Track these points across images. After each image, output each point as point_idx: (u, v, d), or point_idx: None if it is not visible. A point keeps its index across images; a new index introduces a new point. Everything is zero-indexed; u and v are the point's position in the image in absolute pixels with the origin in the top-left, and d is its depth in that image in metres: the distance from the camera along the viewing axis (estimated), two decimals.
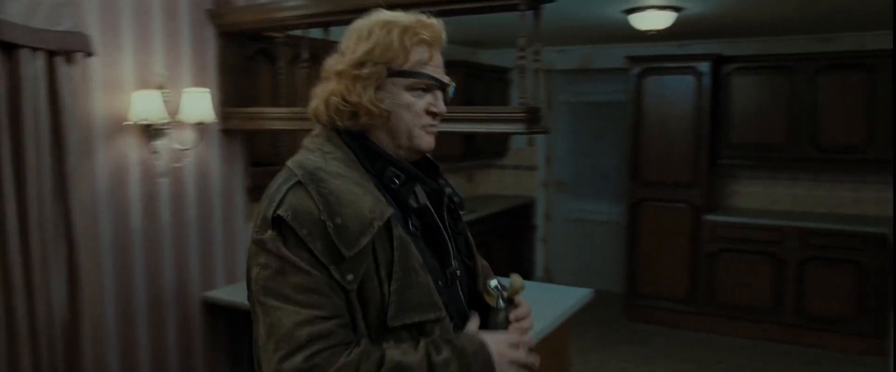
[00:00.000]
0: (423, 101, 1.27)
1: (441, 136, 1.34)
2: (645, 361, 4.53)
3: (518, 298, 1.35)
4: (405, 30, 1.23)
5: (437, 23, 1.28)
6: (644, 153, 5.26)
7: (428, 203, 1.29)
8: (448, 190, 1.37)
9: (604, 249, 6.27)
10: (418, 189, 1.29)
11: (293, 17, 2.73)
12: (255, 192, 3.46)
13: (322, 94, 1.27)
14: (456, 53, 5.87)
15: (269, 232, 1.14)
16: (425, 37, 1.25)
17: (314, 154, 1.25)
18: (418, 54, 1.25)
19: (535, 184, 6.47)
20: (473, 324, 1.29)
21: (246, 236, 3.13)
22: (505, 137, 6.12)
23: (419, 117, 1.26)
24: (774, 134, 4.99)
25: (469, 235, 1.46)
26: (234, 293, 2.98)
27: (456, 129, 2.34)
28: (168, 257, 2.84)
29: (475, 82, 5.58)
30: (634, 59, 5.26)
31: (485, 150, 6.05)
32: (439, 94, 1.30)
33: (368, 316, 1.17)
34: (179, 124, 2.77)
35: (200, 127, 2.86)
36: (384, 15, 1.27)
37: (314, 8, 2.65)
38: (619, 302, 5.58)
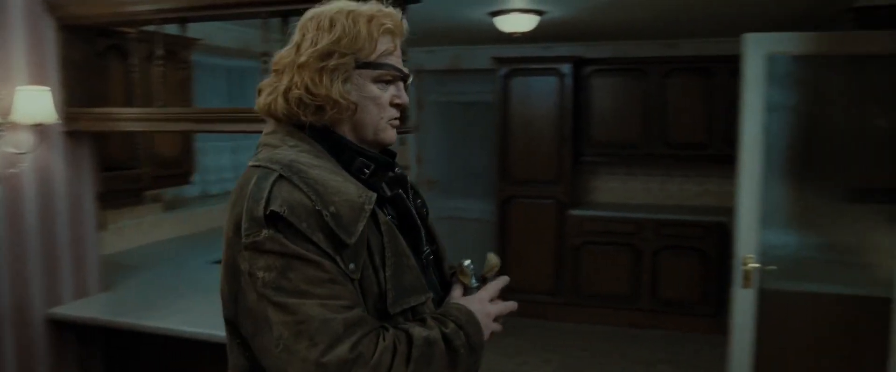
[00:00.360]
0: (387, 94, 1.24)
1: None
2: (518, 353, 4.69)
3: (491, 276, 1.36)
4: (371, 19, 1.19)
5: (396, 12, 1.25)
6: (512, 152, 5.44)
7: (400, 190, 1.26)
8: (406, 177, 1.34)
9: (476, 246, 6.41)
10: (392, 179, 1.26)
11: (145, 11, 2.55)
12: (108, 197, 3.22)
13: (277, 87, 1.20)
14: None
15: (265, 231, 1.06)
16: (390, 26, 1.22)
17: (281, 149, 1.18)
18: (384, 45, 1.21)
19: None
20: (457, 292, 1.31)
21: (96, 245, 2.93)
22: None
23: (385, 110, 1.23)
24: (630, 133, 5.33)
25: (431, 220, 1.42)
26: (84, 308, 2.76)
27: None
28: (2, 272, 2.57)
29: None
30: (501, 61, 5.42)
31: None
32: (401, 85, 1.27)
33: (367, 304, 1.13)
34: (13, 126, 2.51)
35: (40, 128, 2.61)
36: (344, 4, 1.22)
37: (168, 3, 2.50)
38: None
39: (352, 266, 1.10)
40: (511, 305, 1.34)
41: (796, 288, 3.02)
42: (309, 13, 1.23)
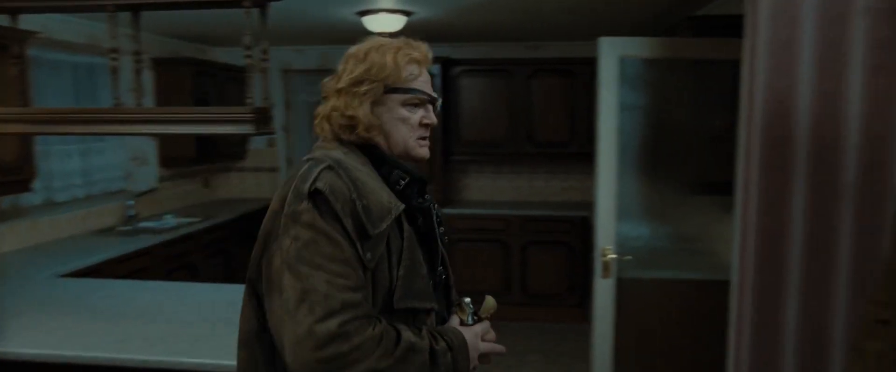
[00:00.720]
0: (416, 115, 1.41)
1: (171, 138, 1.24)
2: None
3: (486, 317, 1.51)
4: (398, 50, 1.39)
5: (423, 44, 1.44)
6: None
7: (430, 205, 1.44)
8: (435, 204, 1.50)
9: None
10: (426, 194, 1.45)
11: None
12: None
13: (324, 111, 1.42)
14: (183, 50, 5.48)
15: (305, 204, 1.23)
16: (415, 56, 1.41)
17: (333, 151, 1.37)
18: (410, 72, 1.40)
19: (278, 185, 6.29)
20: (454, 321, 1.45)
21: None
22: (242, 139, 5.86)
23: (414, 130, 1.41)
24: (498, 132, 5.49)
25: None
26: None
27: (180, 131, 2.17)
28: None
29: (208, 81, 5.26)
30: None
31: (221, 153, 5.73)
32: (430, 107, 1.44)
33: (376, 297, 1.28)
34: None
35: None
36: (377, 40, 1.43)
37: None
38: None
39: (369, 255, 1.25)
40: (499, 348, 1.51)
41: (650, 276, 3.24)
42: (351, 49, 1.44)
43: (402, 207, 1.32)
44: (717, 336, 2.60)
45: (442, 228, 1.50)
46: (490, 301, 1.51)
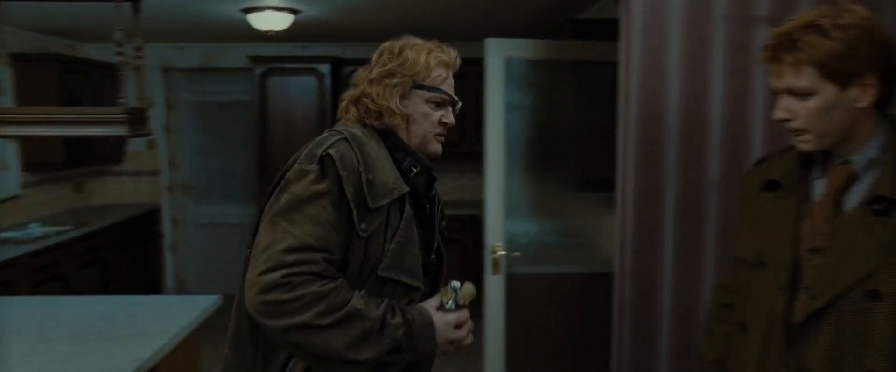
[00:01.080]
0: (437, 114, 1.51)
1: (35, 141, 1.14)
2: None
3: (465, 304, 1.50)
4: (430, 51, 1.49)
5: (454, 50, 1.55)
6: (272, 153, 5.28)
7: (436, 193, 1.56)
8: (440, 200, 1.62)
9: (238, 253, 6.11)
10: (432, 185, 1.54)
11: None
12: None
13: (351, 96, 1.51)
14: (51, 45, 5.08)
15: (314, 165, 1.33)
16: (445, 59, 1.51)
17: (353, 128, 1.45)
18: (438, 73, 1.50)
19: (160, 189, 5.99)
20: (432, 302, 1.46)
21: None
22: (119, 141, 5.52)
23: (434, 126, 1.51)
24: None
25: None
26: None
27: (40, 133, 2.01)
28: None
29: (80, 79, 4.91)
30: (257, 59, 5.24)
31: (96, 156, 5.36)
32: (451, 109, 1.55)
33: (366, 265, 1.36)
34: None
35: None
36: (412, 39, 1.52)
37: None
38: None
39: (363, 225, 1.34)
40: (467, 341, 1.51)
41: (538, 271, 3.34)
42: (386, 44, 1.53)
43: (407, 189, 1.42)
44: (602, 323, 2.73)
45: (444, 222, 1.64)
46: (468, 288, 1.51)
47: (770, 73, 1.38)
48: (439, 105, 1.52)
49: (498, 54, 3.05)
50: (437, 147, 1.55)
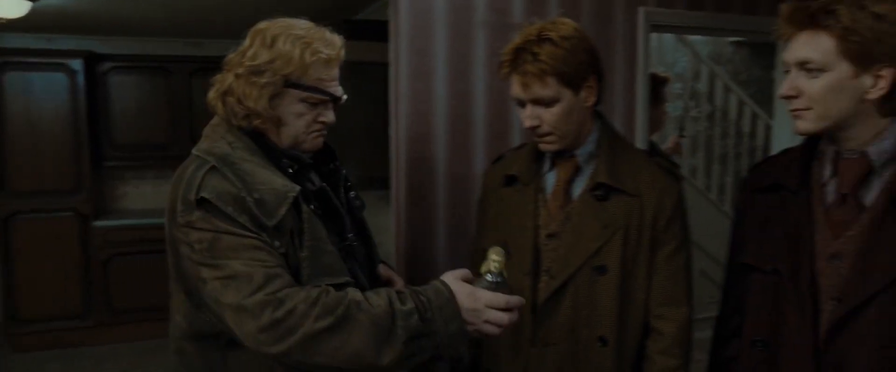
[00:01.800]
0: (313, 113, 1.37)
1: None
2: None
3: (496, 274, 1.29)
4: (308, 45, 1.32)
5: (338, 39, 1.38)
6: (12, 160, 4.60)
7: (325, 185, 1.42)
8: (344, 171, 1.52)
9: None
10: (313, 175, 1.42)
11: None
12: None
13: (221, 87, 1.35)
14: None
15: (196, 213, 1.23)
16: (325, 56, 1.34)
17: (219, 143, 1.33)
18: (316, 70, 1.33)
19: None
20: (456, 273, 1.30)
21: None
22: None
23: (308, 126, 1.38)
24: (158, 133, 5.07)
25: (363, 210, 1.57)
26: None
27: None
28: None
29: None
30: None
31: None
32: (330, 105, 1.40)
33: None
34: None
35: None
36: (287, 24, 1.35)
37: None
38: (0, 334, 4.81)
39: (277, 243, 1.25)
40: (510, 318, 1.27)
41: None
42: (261, 24, 1.37)
43: (298, 188, 1.30)
44: None
45: (353, 193, 1.53)
46: (494, 252, 1.28)
47: (515, 84, 1.46)
48: (316, 104, 1.37)
49: None
50: (314, 143, 1.41)
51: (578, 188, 1.56)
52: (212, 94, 1.38)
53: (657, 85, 2.81)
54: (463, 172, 2.28)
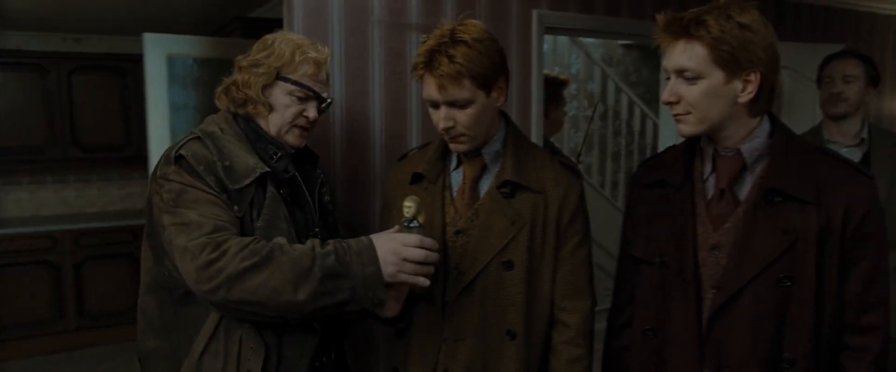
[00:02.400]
0: (298, 107, 1.55)
1: None
2: None
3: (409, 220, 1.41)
4: (299, 46, 1.55)
5: (326, 49, 1.60)
6: None
7: (297, 175, 1.59)
8: (322, 177, 1.69)
9: None
10: (291, 166, 1.58)
11: None
12: None
13: (226, 83, 1.59)
14: None
15: (172, 167, 1.44)
16: (313, 56, 1.56)
17: (211, 126, 1.54)
18: (304, 68, 1.54)
19: None
20: (388, 231, 1.43)
21: None
22: None
23: (294, 117, 1.55)
24: (34, 136, 4.71)
25: (336, 214, 1.75)
26: None
27: None
28: None
29: None
30: None
31: None
32: (315, 104, 1.58)
33: None
34: None
35: None
36: (287, 34, 1.60)
37: None
38: None
39: (236, 208, 1.43)
40: (431, 259, 1.40)
41: None
42: (266, 35, 1.59)
43: (267, 169, 1.48)
44: None
45: (327, 198, 1.69)
46: (407, 200, 1.40)
47: (430, 86, 1.45)
48: (302, 100, 1.55)
49: (159, 51, 2.83)
50: (291, 138, 1.57)
51: (485, 186, 1.58)
52: (219, 90, 1.59)
53: (556, 87, 2.88)
54: (361, 172, 2.26)
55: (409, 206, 1.39)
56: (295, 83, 1.54)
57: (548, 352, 1.61)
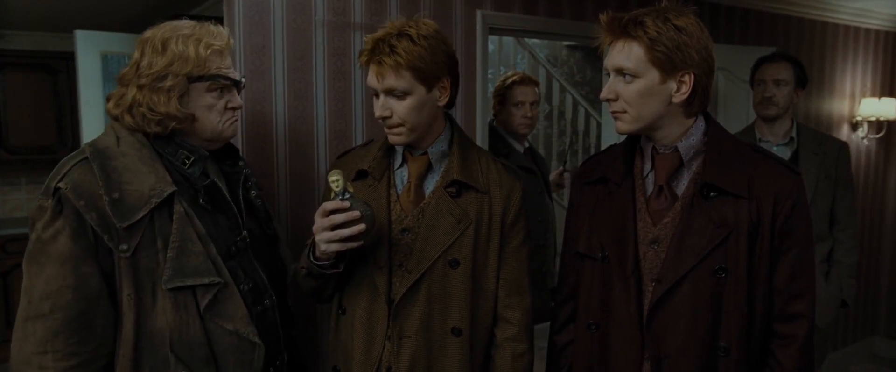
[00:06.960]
0: (222, 100, 1.46)
1: None
2: None
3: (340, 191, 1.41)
4: (199, 41, 1.39)
5: (223, 30, 1.46)
6: None
7: (216, 179, 1.47)
8: (246, 170, 1.59)
9: None
10: (210, 167, 1.49)
11: None
12: None
13: (122, 101, 1.39)
14: None
15: (49, 201, 1.31)
16: (217, 46, 1.42)
17: (109, 136, 1.39)
18: (213, 61, 1.42)
19: None
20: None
21: None
22: None
23: (222, 114, 1.46)
24: None
25: (267, 207, 1.66)
26: None
27: None
28: None
29: None
30: None
31: None
32: (234, 90, 1.49)
33: (141, 280, 1.34)
34: None
35: None
36: (172, 27, 1.41)
37: None
38: None
39: (123, 247, 1.31)
40: (349, 221, 1.39)
41: None
42: (147, 33, 1.42)
43: (169, 191, 1.35)
44: None
45: (254, 192, 1.60)
46: (332, 174, 1.40)
47: (371, 74, 1.49)
48: (223, 91, 1.46)
49: (92, 49, 2.74)
50: (230, 131, 1.49)
51: (430, 185, 1.60)
52: (111, 108, 1.42)
53: (507, 87, 2.90)
54: (304, 171, 2.23)
55: (335, 179, 1.39)
56: (210, 78, 1.42)
57: (490, 348, 1.64)
